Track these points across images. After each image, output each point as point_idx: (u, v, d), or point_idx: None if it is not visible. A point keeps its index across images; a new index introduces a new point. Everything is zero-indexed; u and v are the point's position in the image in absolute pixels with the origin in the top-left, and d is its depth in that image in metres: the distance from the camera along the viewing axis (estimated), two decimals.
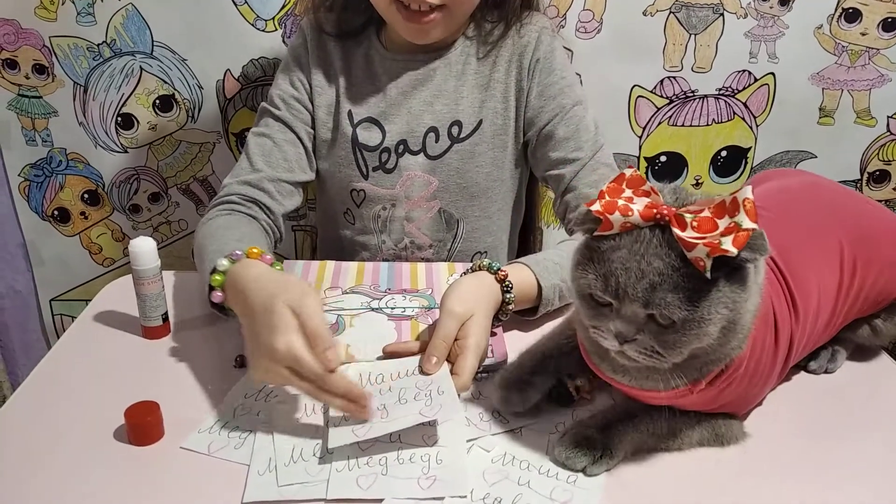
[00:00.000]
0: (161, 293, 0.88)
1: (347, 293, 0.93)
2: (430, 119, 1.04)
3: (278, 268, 0.81)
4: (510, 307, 0.84)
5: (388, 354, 0.81)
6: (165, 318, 0.89)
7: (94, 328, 0.91)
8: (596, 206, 0.59)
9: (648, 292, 0.57)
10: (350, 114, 1.05)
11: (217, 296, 0.80)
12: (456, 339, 0.78)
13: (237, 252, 0.81)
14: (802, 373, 0.83)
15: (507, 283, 0.84)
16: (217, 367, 0.83)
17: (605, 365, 0.69)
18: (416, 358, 0.78)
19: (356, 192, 1.08)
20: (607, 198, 0.59)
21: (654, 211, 0.57)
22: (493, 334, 0.84)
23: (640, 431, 0.69)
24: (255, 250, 0.81)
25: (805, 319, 0.72)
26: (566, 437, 0.68)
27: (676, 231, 0.56)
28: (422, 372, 0.76)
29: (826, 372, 0.82)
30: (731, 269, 0.57)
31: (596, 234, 0.60)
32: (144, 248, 0.86)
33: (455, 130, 1.04)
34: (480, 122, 1.04)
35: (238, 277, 0.77)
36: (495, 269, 0.84)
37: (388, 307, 0.90)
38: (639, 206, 0.58)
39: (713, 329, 0.58)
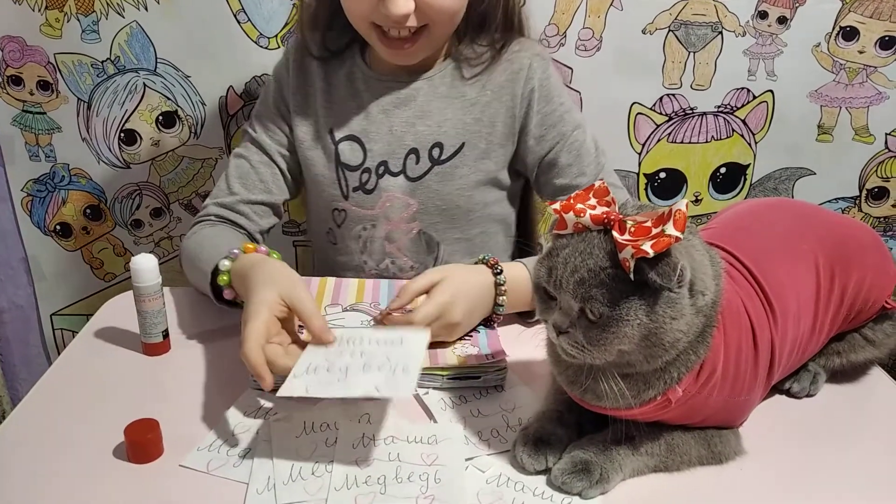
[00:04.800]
0: (162, 310, 0.88)
1: (348, 310, 0.93)
2: (412, 140, 1.04)
3: (275, 256, 0.90)
4: (503, 287, 0.89)
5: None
6: (166, 334, 0.89)
7: (95, 344, 0.92)
8: (555, 206, 0.64)
9: (578, 285, 0.62)
10: (332, 132, 1.05)
11: (228, 293, 0.89)
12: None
13: (234, 251, 0.90)
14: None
15: (497, 267, 0.90)
16: (217, 384, 0.83)
17: (562, 378, 0.71)
18: (399, 330, 0.80)
19: (337, 212, 1.08)
20: (571, 201, 0.64)
21: (604, 215, 0.62)
22: (491, 326, 0.90)
23: (640, 453, 0.69)
24: (249, 245, 0.90)
25: (785, 323, 0.73)
26: (563, 461, 0.68)
27: (615, 234, 0.60)
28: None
29: (808, 395, 0.82)
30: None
31: (554, 231, 0.65)
32: (146, 265, 0.86)
33: (436, 152, 1.04)
34: (463, 145, 1.03)
35: (240, 268, 0.86)
36: (485, 259, 0.92)
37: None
38: (594, 210, 0.63)
39: (631, 331, 0.61)
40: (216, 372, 0.86)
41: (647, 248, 0.57)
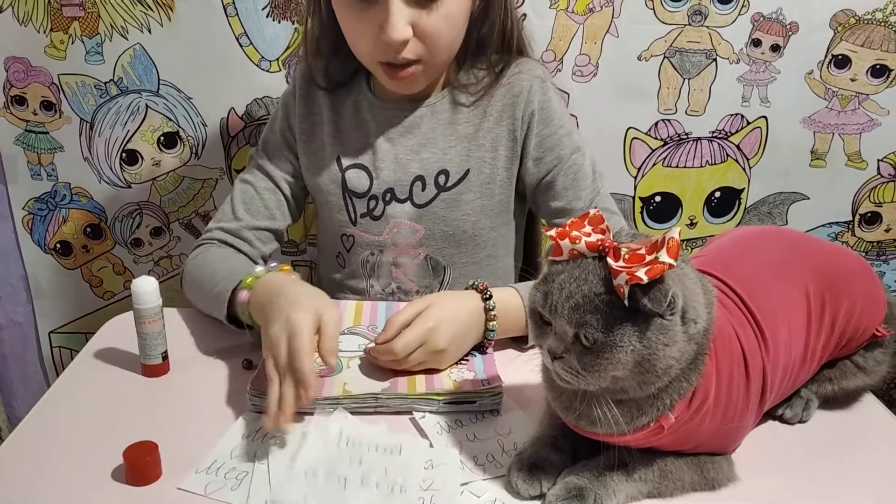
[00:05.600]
0: (162, 332, 0.89)
1: (345, 334, 0.94)
2: (417, 167, 1.05)
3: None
4: (493, 312, 0.90)
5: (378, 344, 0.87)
6: (165, 356, 0.90)
7: (94, 366, 0.92)
8: (551, 232, 0.65)
9: (573, 311, 0.63)
10: (339, 160, 1.07)
11: (244, 294, 0.90)
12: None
13: (273, 264, 0.96)
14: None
15: (486, 292, 0.91)
16: (216, 406, 0.84)
17: (556, 403, 0.71)
18: (399, 437, 0.78)
19: (346, 238, 1.10)
20: (567, 228, 0.65)
21: (599, 242, 0.63)
22: (483, 351, 0.91)
23: (633, 479, 0.70)
24: (286, 267, 0.95)
25: (776, 350, 0.74)
26: (557, 487, 0.69)
27: (609, 260, 0.61)
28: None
29: (800, 421, 0.82)
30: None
31: (550, 258, 0.66)
32: (146, 287, 0.87)
33: (442, 179, 1.04)
34: (468, 172, 1.04)
35: (275, 280, 0.89)
36: (475, 284, 0.92)
37: None
38: (589, 238, 0.64)
39: (625, 357, 0.62)
40: (215, 394, 0.86)
41: (642, 274, 0.58)
